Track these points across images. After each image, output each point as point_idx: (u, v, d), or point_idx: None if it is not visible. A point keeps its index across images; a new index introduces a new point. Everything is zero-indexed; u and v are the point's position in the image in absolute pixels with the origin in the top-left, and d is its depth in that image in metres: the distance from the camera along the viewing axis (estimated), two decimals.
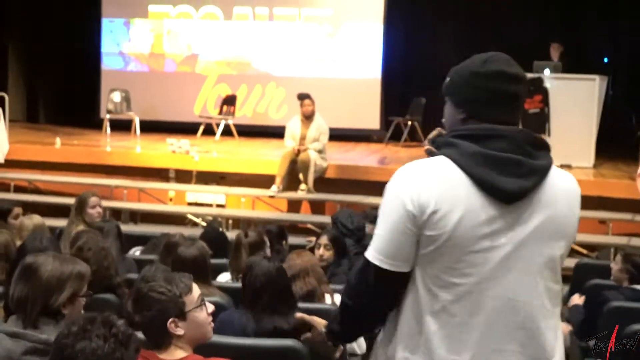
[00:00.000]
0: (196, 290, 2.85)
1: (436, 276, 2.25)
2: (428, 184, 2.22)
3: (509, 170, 2.20)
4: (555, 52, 11.89)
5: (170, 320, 2.71)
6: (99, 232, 4.99)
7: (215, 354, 3.20)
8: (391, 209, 2.28)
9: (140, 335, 2.66)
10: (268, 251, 5.28)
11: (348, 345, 4.43)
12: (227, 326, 3.63)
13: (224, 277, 5.23)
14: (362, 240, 6.25)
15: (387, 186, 2.33)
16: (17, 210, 6.25)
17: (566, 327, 5.63)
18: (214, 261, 5.50)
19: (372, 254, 2.31)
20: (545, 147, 2.33)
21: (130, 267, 5.28)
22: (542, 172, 2.26)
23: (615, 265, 5.32)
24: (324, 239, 5.52)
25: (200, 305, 2.83)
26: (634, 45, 13.36)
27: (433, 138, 2.62)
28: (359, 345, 4.52)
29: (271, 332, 3.58)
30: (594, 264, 6.84)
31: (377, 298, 2.36)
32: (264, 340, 3.54)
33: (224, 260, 5.52)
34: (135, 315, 2.74)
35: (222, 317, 3.72)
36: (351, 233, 6.24)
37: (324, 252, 5.44)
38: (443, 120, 2.50)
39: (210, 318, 2.89)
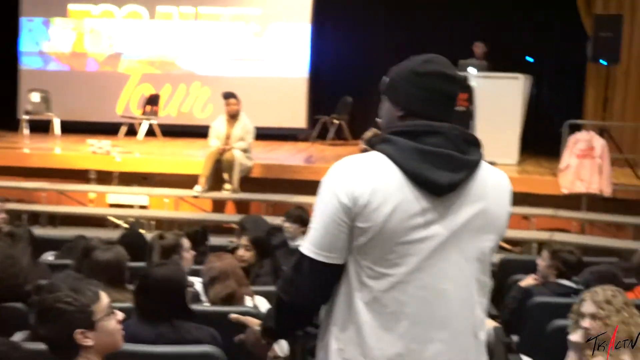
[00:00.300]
0: (104, 297, 2.75)
1: (368, 267, 2.32)
2: (361, 178, 2.30)
3: (442, 164, 2.29)
4: (479, 50, 12.03)
5: (79, 331, 2.62)
6: (9, 238, 4.79)
7: None
8: (326, 203, 2.35)
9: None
10: (186, 254, 5.18)
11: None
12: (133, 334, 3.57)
13: None
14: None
15: (322, 180, 2.41)
16: None
17: (490, 323, 5.65)
18: (132, 265, 5.41)
19: (307, 247, 2.38)
20: (477, 144, 2.42)
21: (43, 273, 5.09)
22: (472, 167, 2.36)
23: (543, 262, 5.30)
24: (244, 240, 5.43)
25: (110, 314, 2.74)
26: (559, 44, 13.56)
27: (368, 138, 2.67)
28: (281, 347, 4.47)
29: (173, 340, 3.51)
30: (519, 259, 6.90)
31: (313, 292, 2.42)
32: (181, 348, 3.46)
33: (143, 264, 5.38)
34: (40, 328, 2.65)
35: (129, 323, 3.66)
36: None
37: (244, 253, 5.34)
38: (378, 118, 2.60)
39: (121, 326, 2.80)
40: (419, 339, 2.34)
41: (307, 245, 2.39)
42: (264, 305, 4.40)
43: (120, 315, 2.77)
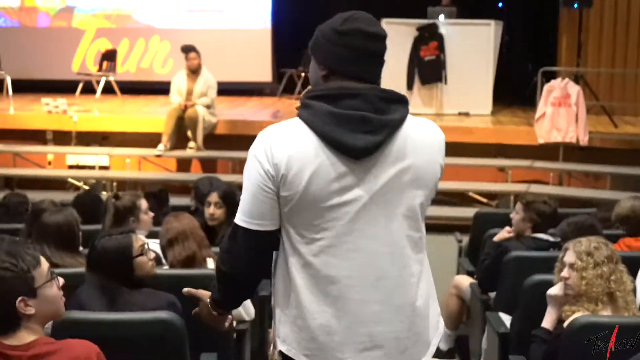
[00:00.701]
0: (44, 263, 2.52)
1: (299, 233, 2.39)
2: (280, 146, 2.34)
3: (357, 127, 2.32)
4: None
5: (19, 299, 2.40)
6: None
7: (78, 332, 2.89)
8: (251, 172, 2.41)
9: None
10: (144, 216, 4.93)
11: (236, 312, 4.17)
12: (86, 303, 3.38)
13: None
14: None
15: (249, 150, 2.44)
16: None
17: (466, 280, 5.48)
18: (87, 227, 5.15)
19: (239, 217, 2.44)
20: (400, 101, 2.46)
21: None
22: (393, 126, 2.39)
23: (517, 215, 5.06)
24: (214, 197, 5.13)
25: (51, 280, 2.52)
26: None
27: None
28: (247, 310, 4.26)
29: (127, 308, 3.32)
30: (492, 212, 6.74)
31: (249, 261, 2.46)
32: (135, 314, 3.26)
33: (98, 227, 5.10)
34: None
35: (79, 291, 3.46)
36: None
37: (215, 211, 5.08)
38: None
39: (62, 292, 2.58)
40: (354, 301, 2.40)
41: (239, 215, 2.44)
42: None
43: (61, 281, 2.56)
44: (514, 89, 12.44)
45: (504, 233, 5.21)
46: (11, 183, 10.47)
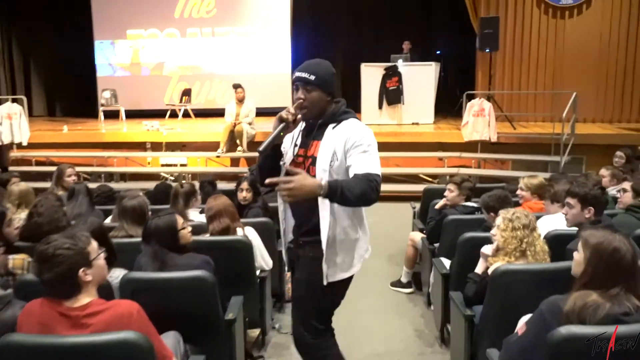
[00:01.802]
0: (93, 241, 2.20)
1: None
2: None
3: None
4: (406, 47, 11.32)
5: (81, 269, 2.09)
6: (56, 195, 4.08)
7: (138, 286, 2.52)
8: (373, 144, 2.46)
9: None
10: (199, 197, 4.56)
11: (258, 264, 3.79)
12: (142, 265, 2.98)
13: None
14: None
15: (364, 133, 2.46)
16: (15, 179, 5.33)
17: (418, 235, 5.09)
18: (162, 207, 4.78)
19: (376, 168, 2.38)
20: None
21: (99, 216, 4.49)
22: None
23: (452, 192, 4.66)
24: (245, 184, 4.77)
25: (100, 253, 2.21)
26: (456, 40, 12.87)
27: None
28: (267, 262, 3.88)
29: (172, 268, 2.91)
30: (435, 188, 6.30)
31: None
32: (178, 273, 2.85)
33: (167, 206, 4.73)
34: (45, 274, 2.06)
35: (138, 258, 3.05)
36: None
37: (246, 194, 4.72)
38: (304, 102, 2.48)
39: (105, 262, 2.28)
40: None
41: (376, 168, 2.36)
42: (251, 234, 3.76)
43: (104, 254, 2.30)
44: (447, 106, 12.04)
45: (442, 202, 4.82)
46: (125, 177, 10.15)
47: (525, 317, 2.58)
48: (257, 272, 3.73)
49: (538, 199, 4.45)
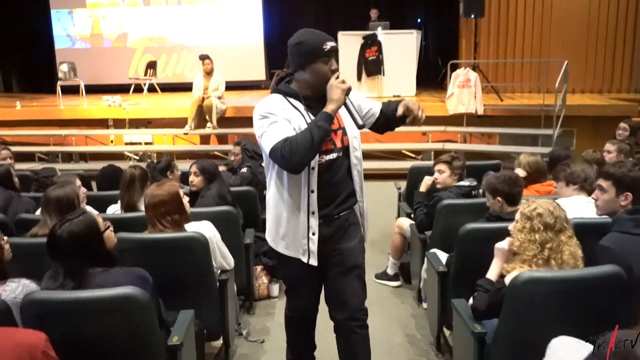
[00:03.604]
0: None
1: None
2: None
3: None
4: (374, 14, 10.56)
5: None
6: None
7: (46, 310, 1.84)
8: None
9: None
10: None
11: (218, 264, 3.12)
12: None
13: (113, 209, 3.73)
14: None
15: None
16: None
17: (406, 221, 4.46)
18: (109, 193, 4.07)
19: None
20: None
21: (24, 206, 3.77)
22: None
23: (443, 174, 3.97)
24: (193, 167, 4.08)
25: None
26: (438, 8, 12.14)
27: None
28: (227, 261, 3.19)
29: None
30: (422, 165, 5.62)
31: None
32: (99, 292, 2.12)
33: (116, 192, 4.00)
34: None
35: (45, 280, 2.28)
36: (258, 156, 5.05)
37: (194, 178, 4.04)
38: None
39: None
40: None
41: None
42: (206, 228, 3.00)
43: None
44: (429, 77, 11.41)
45: (426, 182, 4.15)
46: (85, 157, 9.35)
47: (557, 341, 1.96)
48: (217, 274, 3.06)
49: (535, 181, 3.85)
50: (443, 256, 3.37)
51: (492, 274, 2.41)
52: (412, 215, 4.43)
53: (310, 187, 2.33)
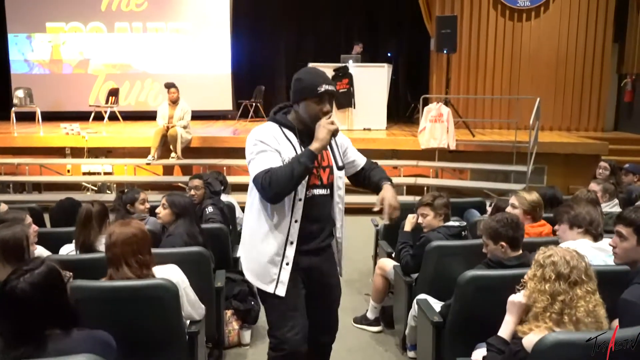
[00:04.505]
0: None
1: None
2: None
3: None
4: (357, 49, 10.49)
5: None
6: None
7: None
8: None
9: None
10: (111, 216, 3.44)
11: (186, 313, 2.76)
12: None
13: (67, 249, 3.32)
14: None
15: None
16: None
17: (389, 262, 4.18)
18: (65, 230, 3.67)
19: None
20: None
21: None
22: None
23: (427, 217, 3.69)
24: (163, 199, 3.72)
25: None
26: (408, 43, 12.15)
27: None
28: (197, 311, 2.83)
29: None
30: (402, 203, 5.39)
31: None
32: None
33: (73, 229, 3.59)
34: None
35: None
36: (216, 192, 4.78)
37: (160, 210, 3.68)
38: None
39: None
40: None
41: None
42: (174, 273, 2.64)
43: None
44: (399, 112, 11.33)
45: (410, 221, 3.89)
46: (39, 187, 8.80)
47: None
48: (185, 324, 2.70)
49: (531, 221, 3.63)
50: (435, 303, 3.09)
51: (504, 332, 2.13)
52: (393, 255, 4.16)
53: (294, 217, 2.38)
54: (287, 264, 2.38)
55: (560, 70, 9.94)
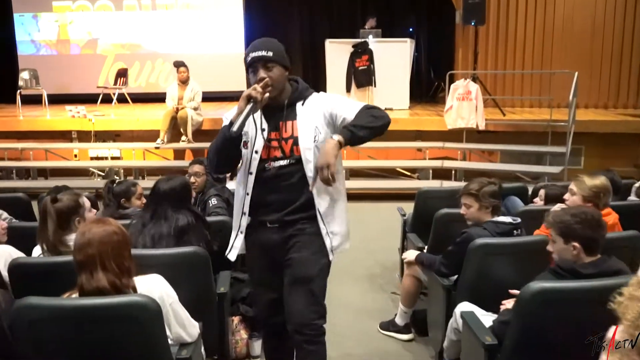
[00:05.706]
0: None
1: None
2: None
3: None
4: (372, 22, 9.80)
5: None
6: None
7: None
8: None
9: None
10: (87, 213, 2.86)
11: (175, 335, 2.22)
12: None
13: (38, 251, 2.76)
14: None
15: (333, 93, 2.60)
16: None
17: (412, 253, 3.57)
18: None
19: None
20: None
21: None
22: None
23: (470, 208, 3.06)
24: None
25: None
26: (429, 17, 11.43)
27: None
28: (189, 332, 2.29)
29: None
30: (434, 191, 4.76)
31: None
32: None
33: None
34: None
35: None
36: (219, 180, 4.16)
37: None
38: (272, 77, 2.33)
39: None
40: None
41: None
42: (156, 285, 2.10)
43: None
44: (422, 90, 10.68)
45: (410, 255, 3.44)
46: (44, 173, 8.37)
47: None
48: (175, 349, 2.16)
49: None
50: (482, 315, 2.52)
51: None
52: (425, 250, 3.60)
53: (246, 190, 2.44)
54: (242, 232, 2.49)
55: (596, 42, 9.17)
